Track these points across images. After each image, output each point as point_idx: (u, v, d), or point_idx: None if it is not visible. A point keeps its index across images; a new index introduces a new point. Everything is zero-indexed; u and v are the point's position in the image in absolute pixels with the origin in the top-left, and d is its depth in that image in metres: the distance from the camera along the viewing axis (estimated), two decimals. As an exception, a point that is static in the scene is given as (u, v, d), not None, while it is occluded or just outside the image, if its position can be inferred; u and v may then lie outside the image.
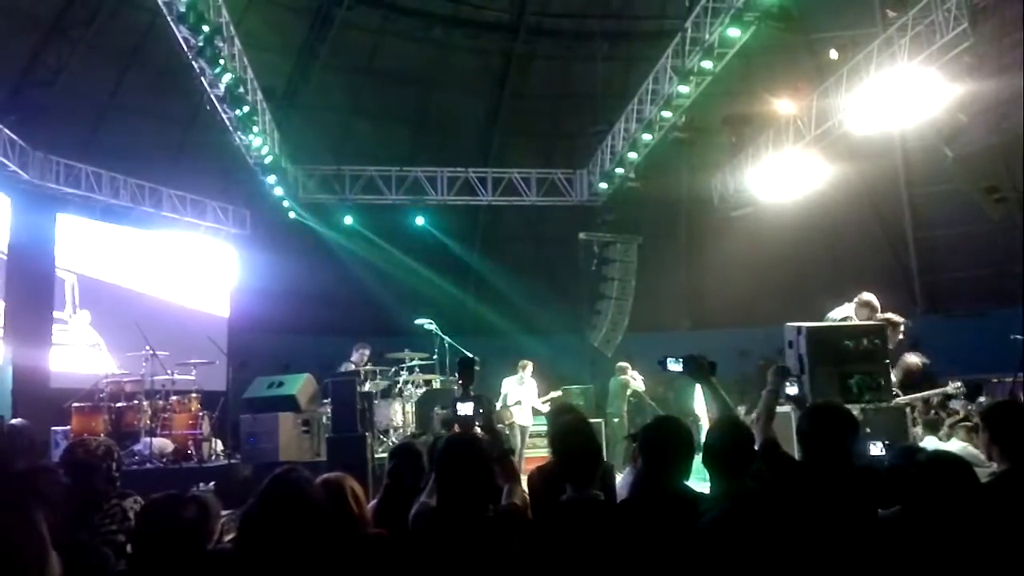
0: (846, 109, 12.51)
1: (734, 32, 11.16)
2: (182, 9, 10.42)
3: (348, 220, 16.88)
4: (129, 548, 3.91)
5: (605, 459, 7.12)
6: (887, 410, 6.43)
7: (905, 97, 11.16)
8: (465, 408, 3.86)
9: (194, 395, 10.84)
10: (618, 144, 15.50)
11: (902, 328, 7.45)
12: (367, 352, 11.31)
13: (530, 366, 12.50)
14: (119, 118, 15.08)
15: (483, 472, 3.32)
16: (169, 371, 10.68)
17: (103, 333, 12.68)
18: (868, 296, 7.69)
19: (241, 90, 12.08)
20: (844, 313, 7.65)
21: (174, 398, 10.65)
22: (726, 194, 16.67)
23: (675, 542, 3.14)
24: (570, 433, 3.55)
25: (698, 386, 10.40)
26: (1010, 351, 9.93)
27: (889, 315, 7.47)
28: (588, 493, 3.30)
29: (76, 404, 10.09)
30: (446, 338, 12.05)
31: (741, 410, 5.50)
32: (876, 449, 4.26)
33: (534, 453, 11.89)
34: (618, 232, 17.14)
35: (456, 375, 4.41)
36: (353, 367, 10.83)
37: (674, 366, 4.26)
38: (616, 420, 12.70)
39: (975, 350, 12.92)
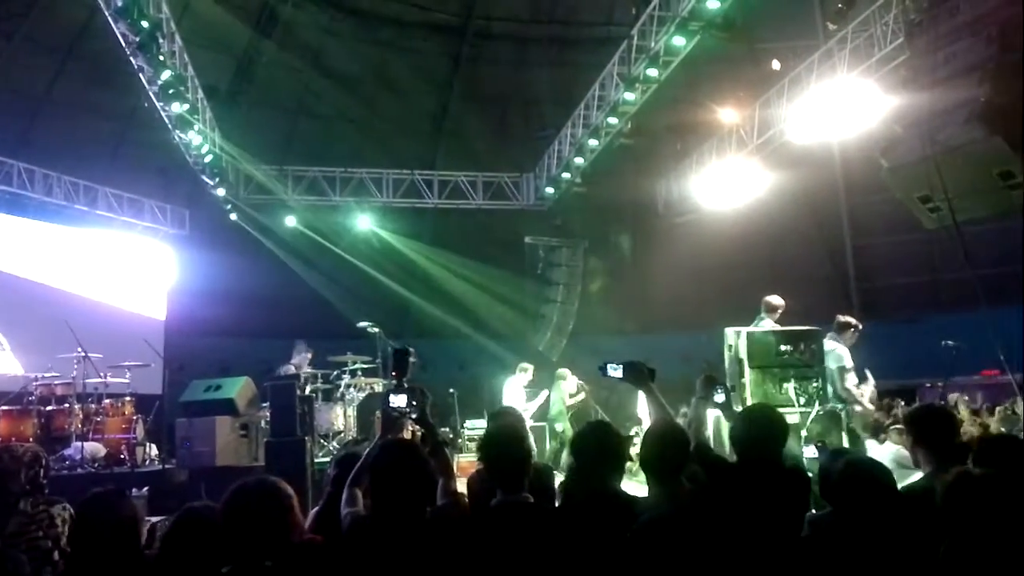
0: (787, 119, 12.76)
1: (679, 41, 11.30)
2: (121, 4, 10.17)
3: (291, 221, 16.63)
4: (56, 555, 3.82)
5: (548, 464, 7.11)
6: (822, 413, 6.56)
7: (844, 108, 11.42)
8: (398, 400, 3.77)
9: (128, 399, 10.59)
10: (565, 149, 15.58)
11: (853, 330, 7.68)
12: (309, 355, 11.12)
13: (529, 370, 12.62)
14: (54, 114, 14.67)
15: (420, 479, 3.27)
16: (102, 374, 10.39)
17: (21, 333, 12.14)
18: (771, 299, 7.98)
19: (181, 87, 11.82)
20: (769, 325, 7.81)
21: (107, 401, 10.38)
22: (670, 201, 16.86)
23: (609, 544, 3.14)
24: (496, 438, 3.53)
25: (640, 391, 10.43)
26: (942, 357, 10.18)
27: (847, 318, 7.69)
28: (518, 497, 3.28)
29: (3, 407, 9.77)
30: (389, 341, 11.93)
31: (685, 411, 5.57)
32: (810, 452, 4.34)
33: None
34: (564, 237, 17.20)
35: (391, 366, 4.33)
36: (294, 369, 10.65)
37: (614, 372, 4.28)
38: (559, 426, 12.66)
39: (909, 355, 13.26)
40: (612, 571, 3.08)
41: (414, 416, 3.83)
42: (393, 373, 4.21)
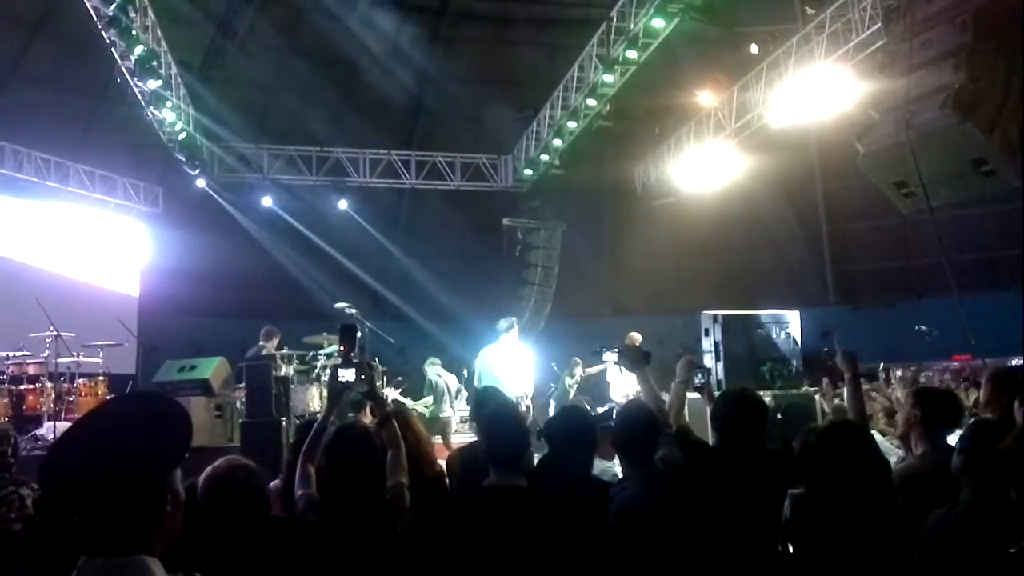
0: (765, 103, 12.81)
1: (659, 23, 11.28)
2: (92, -24, 10.00)
3: (267, 201, 16.45)
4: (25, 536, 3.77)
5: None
6: (798, 396, 6.62)
7: (821, 92, 11.48)
8: (347, 374, 3.79)
9: (101, 378, 10.50)
10: (543, 131, 15.53)
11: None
12: (276, 337, 10.98)
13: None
14: (24, 88, 14.38)
15: (371, 466, 3.30)
16: (75, 353, 10.28)
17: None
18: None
19: (154, 63, 11.64)
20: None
21: (80, 381, 10.28)
22: (648, 183, 16.90)
23: (587, 523, 3.17)
24: (502, 418, 3.52)
25: (615, 373, 10.47)
26: (915, 341, 10.32)
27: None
28: (512, 480, 3.29)
29: (-26, 386, 9.66)
30: (366, 323, 11.87)
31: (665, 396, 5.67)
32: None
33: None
34: (542, 219, 17.18)
35: (339, 341, 4.36)
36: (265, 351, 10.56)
37: (610, 355, 4.40)
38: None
39: (883, 340, 13.41)
40: (589, 552, 3.10)
41: (363, 390, 3.86)
42: (341, 348, 4.25)
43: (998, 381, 4.16)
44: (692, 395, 4.73)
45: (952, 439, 3.65)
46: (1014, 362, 12.28)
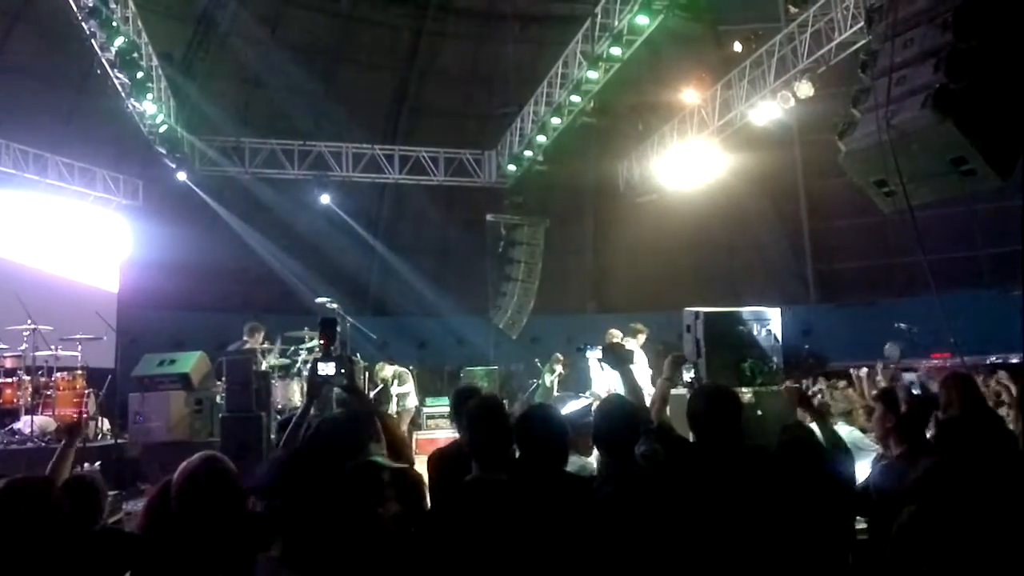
0: (748, 100, 12.86)
1: (643, 20, 11.28)
2: (71, -34, 9.89)
3: (249, 195, 16.32)
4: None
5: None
6: (778, 393, 6.62)
7: (801, 93, 11.55)
8: (327, 368, 3.79)
9: (79, 372, 10.40)
10: (527, 127, 15.52)
11: None
12: (261, 333, 10.95)
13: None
14: (3, 79, 14.21)
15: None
16: (53, 347, 10.19)
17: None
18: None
19: (135, 55, 11.52)
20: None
21: (58, 375, 10.19)
22: (632, 180, 16.92)
23: (568, 517, 3.16)
24: (486, 413, 3.50)
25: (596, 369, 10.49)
26: (896, 339, 10.38)
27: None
28: (495, 475, 3.27)
29: (-49, 380, 9.56)
30: (348, 318, 11.84)
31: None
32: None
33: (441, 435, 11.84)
34: (525, 215, 17.18)
35: (319, 335, 4.38)
36: (247, 346, 10.52)
37: (593, 353, 4.41)
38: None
39: (864, 338, 13.50)
40: (572, 545, 3.09)
41: (343, 384, 3.87)
42: (321, 342, 4.26)
43: (953, 385, 4.20)
44: (676, 392, 4.73)
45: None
46: (992, 359, 12.42)
